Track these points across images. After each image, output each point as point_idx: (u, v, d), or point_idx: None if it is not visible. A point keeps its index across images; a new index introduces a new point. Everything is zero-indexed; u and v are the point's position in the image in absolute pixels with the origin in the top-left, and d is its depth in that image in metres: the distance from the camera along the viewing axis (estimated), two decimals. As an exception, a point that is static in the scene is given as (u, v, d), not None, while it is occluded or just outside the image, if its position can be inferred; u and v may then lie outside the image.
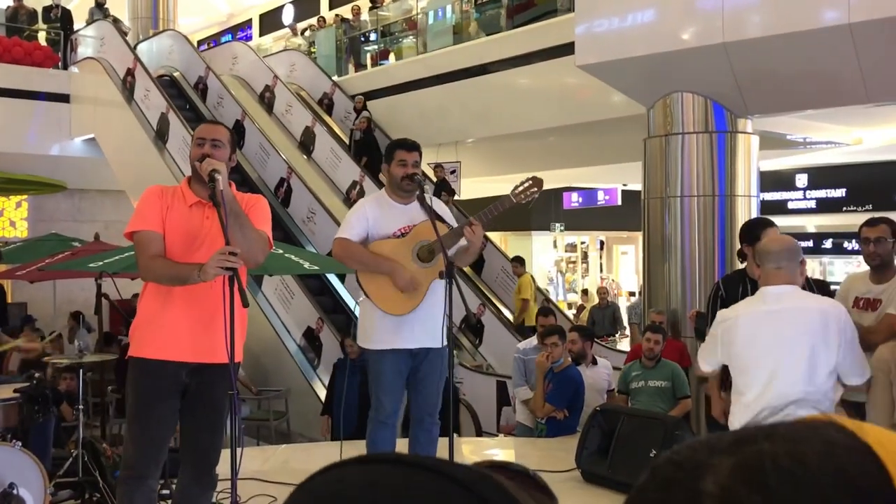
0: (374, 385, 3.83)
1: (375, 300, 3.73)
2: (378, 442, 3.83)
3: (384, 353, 3.77)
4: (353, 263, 3.82)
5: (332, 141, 11.90)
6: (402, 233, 3.79)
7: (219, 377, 3.01)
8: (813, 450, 0.41)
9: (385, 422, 3.82)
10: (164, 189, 3.15)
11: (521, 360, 6.31)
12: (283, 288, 9.45)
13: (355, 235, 3.75)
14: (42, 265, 7.98)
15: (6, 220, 14.81)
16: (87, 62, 13.41)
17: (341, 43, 14.69)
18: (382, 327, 3.76)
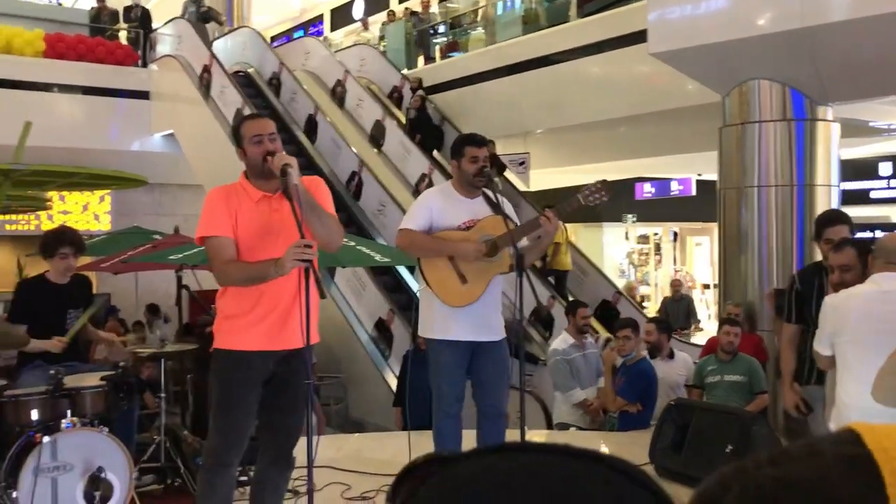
0: (434, 375, 3.86)
1: (436, 290, 3.75)
2: (444, 433, 3.85)
3: (443, 343, 3.79)
4: (417, 251, 3.84)
5: (401, 134, 11.99)
6: (467, 226, 3.81)
7: (301, 364, 3.10)
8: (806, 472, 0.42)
9: (448, 412, 3.83)
10: (228, 190, 3.16)
11: (565, 361, 6.09)
12: (354, 279, 9.58)
13: (418, 226, 3.78)
14: (125, 257, 8.24)
15: (91, 214, 15.39)
16: (165, 60, 13.81)
17: (410, 36, 14.76)
18: (442, 317, 3.78)
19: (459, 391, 3.87)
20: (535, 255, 3.96)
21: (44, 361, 4.29)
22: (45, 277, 4.49)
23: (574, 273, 10.93)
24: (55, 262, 4.44)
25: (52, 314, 4.42)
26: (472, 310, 3.76)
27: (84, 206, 15.33)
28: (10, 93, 11.92)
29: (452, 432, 3.87)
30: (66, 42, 13.22)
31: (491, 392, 3.87)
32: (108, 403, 3.97)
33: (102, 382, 3.98)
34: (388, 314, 9.09)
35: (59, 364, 4.15)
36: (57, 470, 3.56)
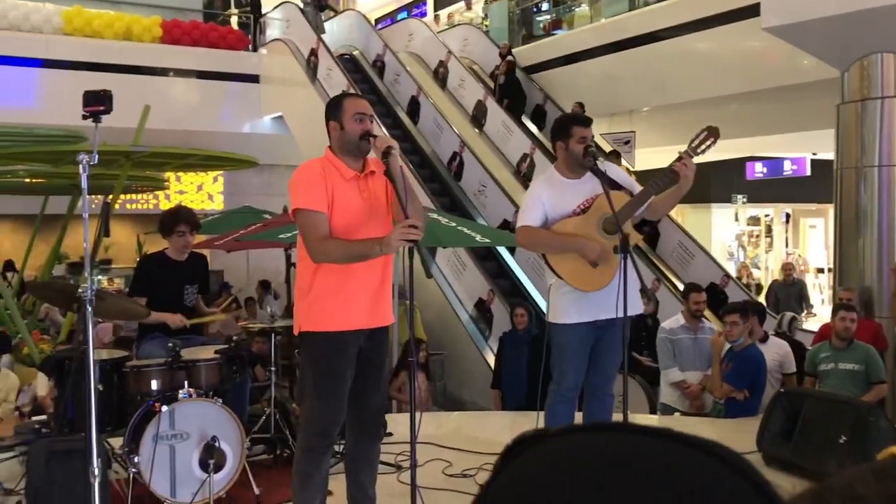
0: (559, 358, 3.82)
1: (569, 281, 3.69)
2: (557, 415, 3.82)
3: (572, 327, 3.74)
4: (540, 248, 3.81)
5: (503, 114, 11.94)
6: (583, 208, 3.74)
7: (385, 337, 3.17)
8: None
9: (566, 395, 3.81)
10: (323, 164, 3.13)
11: (669, 340, 6.01)
12: (455, 259, 9.65)
13: (535, 220, 3.72)
14: (237, 236, 8.53)
15: (205, 194, 16.04)
16: (274, 44, 14.19)
17: (513, 15, 14.65)
18: (570, 302, 3.73)
19: (581, 375, 3.80)
20: (669, 204, 3.83)
21: (162, 334, 4.52)
22: (165, 254, 4.72)
23: (679, 254, 10.67)
24: (173, 239, 4.66)
25: (170, 289, 4.64)
26: (605, 293, 3.66)
27: (199, 186, 15.97)
28: (130, 77, 12.50)
29: (566, 416, 3.84)
30: (182, 28, 13.75)
31: (605, 371, 3.83)
32: (221, 376, 4.15)
33: (217, 355, 4.16)
34: (488, 294, 9.12)
35: (177, 337, 4.36)
36: (174, 438, 3.75)
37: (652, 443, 0.47)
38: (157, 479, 3.67)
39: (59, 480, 3.67)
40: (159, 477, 3.68)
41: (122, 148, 8.23)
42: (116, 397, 3.96)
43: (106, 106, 3.04)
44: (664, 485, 0.45)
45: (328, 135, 3.21)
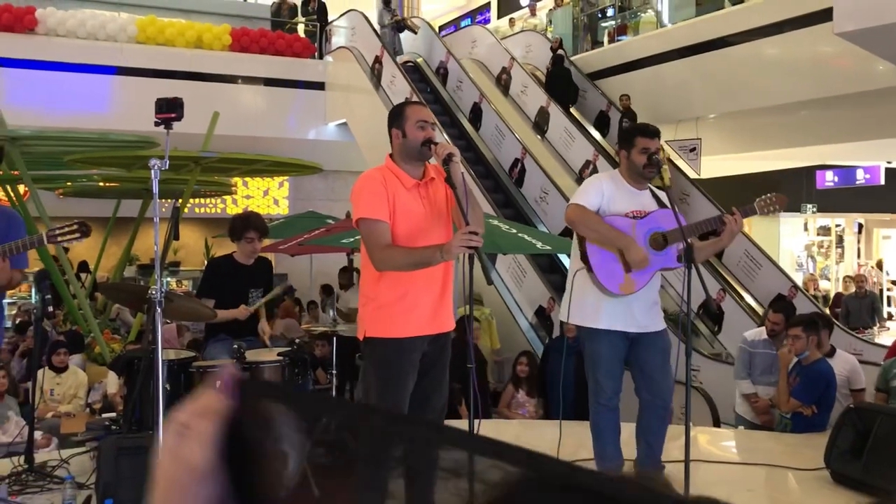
0: (591, 367, 3.79)
1: (597, 272, 3.68)
2: (602, 426, 3.79)
3: (602, 334, 3.72)
4: (587, 230, 3.76)
5: (565, 120, 11.88)
6: (635, 215, 3.73)
7: (447, 342, 3.19)
8: None
9: (607, 405, 3.77)
10: (383, 173, 3.17)
11: (748, 351, 5.92)
12: (515, 266, 9.62)
13: (591, 204, 3.72)
14: (301, 240, 8.68)
15: (271, 199, 16.34)
16: (339, 51, 14.38)
17: (578, 21, 14.57)
18: (597, 304, 3.71)
19: (617, 384, 3.79)
20: (709, 252, 3.84)
21: (228, 336, 4.63)
22: (233, 257, 4.84)
23: (746, 264, 10.45)
24: (242, 244, 4.78)
25: (236, 292, 4.75)
26: (634, 299, 3.68)
27: (265, 192, 16.28)
28: (200, 85, 12.80)
29: (611, 425, 3.81)
30: (250, 36, 14.04)
31: (655, 384, 3.78)
32: (284, 378, 4.22)
33: (279, 358, 4.23)
34: (548, 302, 9.07)
35: (241, 339, 4.46)
36: (238, 437, 3.83)
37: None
38: (221, 478, 3.75)
39: (127, 476, 3.77)
40: (223, 476, 3.76)
41: (192, 153, 8.44)
42: (183, 397, 4.07)
43: (177, 113, 3.13)
44: None
45: (391, 142, 3.25)
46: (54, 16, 12.85)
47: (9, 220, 3.69)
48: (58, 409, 6.45)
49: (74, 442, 5.43)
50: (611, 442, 3.82)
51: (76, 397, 6.64)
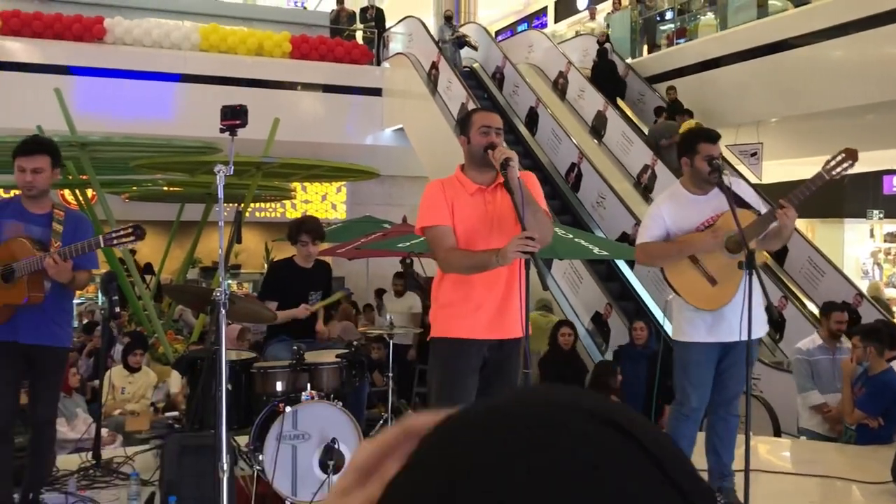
0: (681, 377, 3.74)
1: (686, 296, 3.63)
2: (680, 436, 3.73)
3: (694, 346, 3.66)
4: (658, 261, 3.76)
5: (623, 125, 11.78)
6: (708, 225, 3.67)
7: (515, 350, 3.19)
8: None
9: (689, 415, 3.72)
10: (444, 182, 3.28)
11: (806, 361, 5.77)
12: (571, 272, 9.57)
13: (654, 237, 3.69)
14: (358, 244, 8.79)
15: (328, 204, 16.56)
16: (397, 57, 14.51)
17: (636, 24, 14.44)
18: (690, 319, 3.67)
19: (704, 395, 3.71)
20: (773, 245, 3.76)
21: (288, 337, 4.71)
22: (293, 260, 4.94)
23: (809, 271, 10.21)
24: (298, 247, 4.87)
25: (296, 294, 4.84)
26: (726, 311, 3.60)
27: (323, 196, 16.51)
28: (261, 91, 13.05)
29: (690, 436, 3.75)
30: (310, 43, 14.27)
31: (729, 391, 3.72)
32: (342, 379, 4.27)
33: (338, 359, 4.29)
34: (605, 308, 9.00)
35: (301, 340, 4.53)
36: (297, 438, 3.89)
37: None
38: (280, 478, 3.82)
39: (190, 474, 3.87)
40: (282, 476, 3.82)
41: (254, 159, 8.61)
42: (244, 397, 4.15)
43: (241, 120, 3.21)
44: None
45: (462, 149, 3.30)
46: (121, 25, 13.25)
47: (76, 223, 3.79)
48: (125, 408, 6.64)
49: (139, 440, 5.60)
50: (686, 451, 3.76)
51: (144, 397, 6.83)
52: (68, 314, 3.93)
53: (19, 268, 3.55)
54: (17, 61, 12.29)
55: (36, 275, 3.56)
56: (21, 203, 3.72)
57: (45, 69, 12.14)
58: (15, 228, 3.65)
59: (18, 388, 3.81)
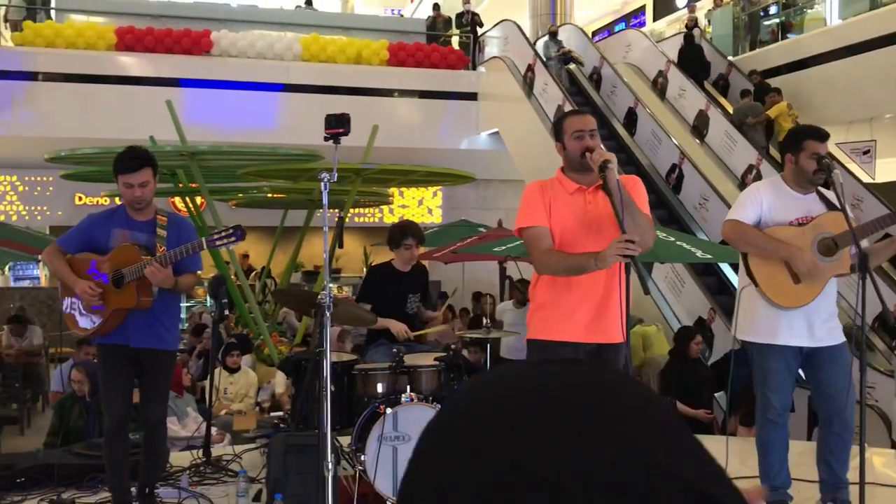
0: (760, 381, 3.62)
1: (766, 290, 3.52)
2: (769, 442, 3.62)
3: (771, 348, 3.55)
4: (745, 246, 3.63)
5: (726, 124, 11.45)
6: (801, 222, 3.54)
7: (614, 356, 3.14)
8: None
9: (775, 420, 3.60)
10: (543, 184, 3.27)
11: None
12: (673, 276, 9.36)
13: (748, 218, 3.58)
14: (454, 248, 8.85)
15: (425, 208, 16.73)
16: (492, 61, 14.54)
17: (739, 20, 14.01)
18: (768, 319, 3.54)
19: (786, 399, 3.62)
20: (884, 256, 3.58)
21: (387, 340, 4.79)
22: (392, 264, 5.01)
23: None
24: (400, 251, 4.93)
25: (395, 298, 4.91)
26: (806, 311, 3.49)
27: (419, 201, 16.69)
28: (359, 99, 13.32)
29: (778, 441, 3.64)
30: (407, 50, 14.46)
31: (833, 401, 3.57)
32: (440, 382, 4.31)
33: (436, 362, 4.33)
34: (708, 313, 8.76)
35: (400, 343, 4.60)
36: (397, 439, 3.95)
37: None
38: (381, 479, 3.88)
39: (295, 472, 3.98)
40: (383, 476, 3.89)
41: (354, 165, 8.78)
42: (345, 398, 4.24)
43: (345, 128, 3.29)
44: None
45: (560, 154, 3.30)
46: (227, 38, 13.77)
47: (179, 227, 3.89)
48: (230, 407, 6.88)
49: (245, 438, 5.79)
50: (777, 460, 3.65)
51: (247, 396, 7.07)
52: (176, 318, 4.02)
53: (128, 273, 3.68)
54: (130, 75, 12.94)
55: (144, 280, 3.67)
56: (126, 211, 3.83)
57: (156, 82, 12.74)
58: (122, 236, 3.79)
59: (131, 389, 3.96)
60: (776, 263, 3.51)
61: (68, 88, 12.56)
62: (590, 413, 0.44)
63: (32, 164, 13.38)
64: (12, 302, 11.83)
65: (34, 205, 15.04)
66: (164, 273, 3.61)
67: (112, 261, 3.76)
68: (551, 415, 0.44)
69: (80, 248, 3.85)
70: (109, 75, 12.87)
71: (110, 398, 3.87)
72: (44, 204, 15.02)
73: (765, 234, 3.54)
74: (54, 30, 13.25)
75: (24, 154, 12.83)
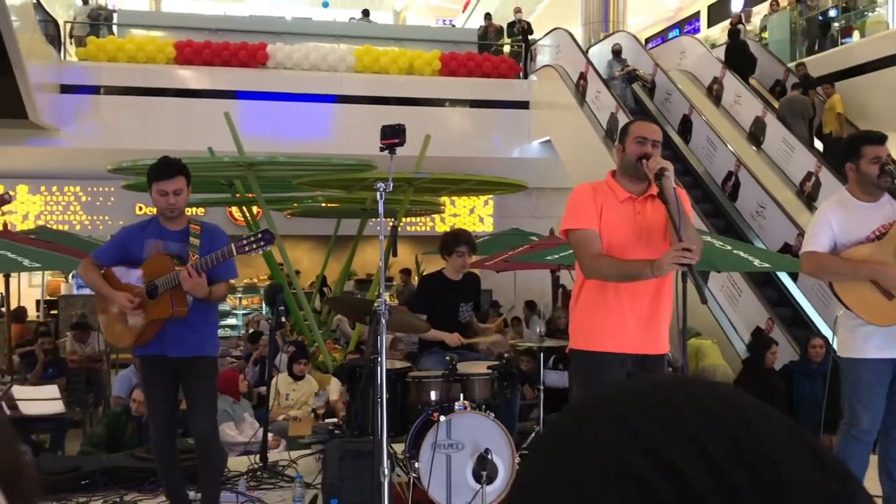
0: (849, 396, 3.51)
1: (858, 312, 3.42)
2: (850, 457, 3.50)
3: (864, 363, 3.44)
4: (828, 276, 3.56)
5: (784, 130, 11.24)
6: (878, 234, 3.44)
7: (660, 367, 3.11)
8: None
9: (859, 437, 3.48)
10: (595, 186, 3.21)
11: None
12: (729, 285, 9.20)
13: (821, 246, 3.49)
14: (506, 257, 8.84)
15: (476, 217, 16.76)
16: (544, 70, 14.51)
17: (797, 25, 13.75)
18: (863, 336, 3.45)
19: (876, 416, 3.47)
20: None
21: (440, 348, 4.81)
22: (443, 273, 5.03)
23: None
24: (453, 259, 4.95)
25: (447, 306, 4.93)
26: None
27: (470, 210, 16.72)
28: (411, 109, 13.41)
29: (860, 458, 3.52)
30: (458, 60, 14.53)
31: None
32: (493, 390, 4.32)
33: (489, 371, 4.34)
34: (766, 323, 8.59)
35: (453, 351, 4.62)
36: (451, 447, 3.96)
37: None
38: (435, 486, 3.90)
39: (350, 478, 4.03)
40: (436, 484, 3.90)
41: (406, 175, 8.84)
42: (399, 405, 4.27)
43: (400, 139, 3.32)
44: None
45: (616, 158, 3.27)
46: (282, 50, 14.01)
47: (212, 237, 3.87)
48: (289, 413, 6.98)
49: (301, 444, 5.87)
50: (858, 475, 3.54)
51: (306, 403, 7.16)
52: (213, 325, 3.99)
53: (161, 283, 3.68)
54: (189, 88, 13.25)
55: (178, 289, 3.66)
56: (159, 222, 3.84)
57: (214, 94, 13.02)
58: (155, 246, 3.80)
59: (174, 398, 3.94)
60: (864, 284, 3.41)
61: (129, 101, 12.92)
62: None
63: (95, 174, 13.78)
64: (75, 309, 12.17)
65: (96, 214, 15.47)
66: (197, 280, 3.59)
67: (144, 272, 3.77)
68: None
69: (114, 260, 3.87)
70: (168, 88, 13.22)
71: (154, 409, 3.89)
72: (105, 213, 15.45)
73: (843, 260, 3.45)
74: (116, 45, 13.66)
75: (88, 165, 13.22)
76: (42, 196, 15.22)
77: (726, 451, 0.42)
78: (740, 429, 0.44)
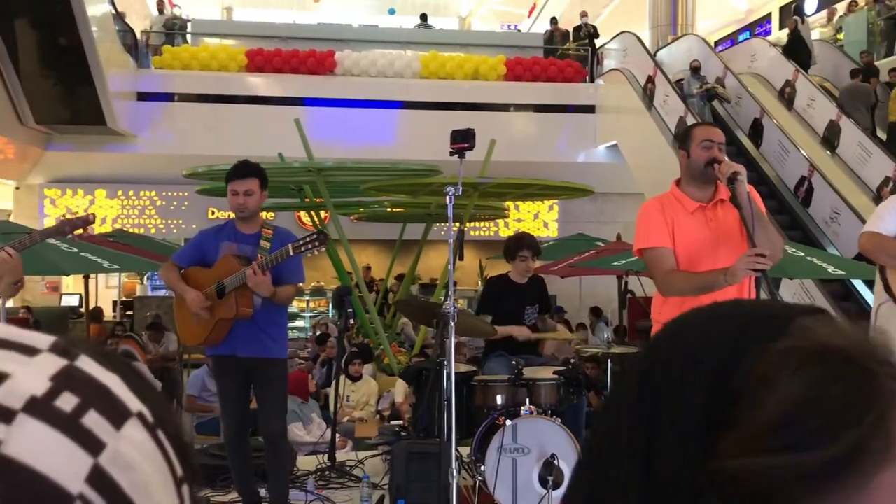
0: None
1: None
2: None
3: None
4: (885, 258, 3.47)
5: (860, 134, 10.90)
6: None
7: None
8: None
9: None
10: (662, 201, 3.17)
11: None
12: (802, 292, 8.97)
13: (887, 230, 3.43)
14: (571, 262, 8.79)
15: (540, 222, 16.67)
16: (611, 74, 14.39)
17: (875, 26, 13.34)
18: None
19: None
20: None
21: (505, 352, 4.82)
22: (508, 277, 5.05)
23: None
24: (516, 263, 4.96)
25: (512, 309, 4.93)
26: None
27: (535, 215, 16.65)
28: (476, 114, 13.44)
29: None
30: (523, 65, 14.51)
31: None
32: (559, 396, 4.31)
33: (556, 376, 4.33)
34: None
35: (519, 355, 4.62)
36: (516, 452, 3.97)
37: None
38: (501, 490, 3.91)
39: (416, 479, 4.07)
40: (502, 488, 3.92)
41: (472, 179, 8.87)
42: (465, 409, 4.30)
43: (470, 143, 3.36)
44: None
45: (680, 164, 3.23)
46: (350, 57, 14.22)
47: (282, 241, 3.92)
48: (352, 414, 7.08)
49: (367, 445, 5.94)
50: None
51: (368, 404, 7.25)
52: (282, 327, 4.06)
53: (229, 283, 3.80)
54: (260, 95, 13.55)
55: (244, 289, 3.76)
56: (234, 225, 3.99)
57: (284, 101, 13.29)
58: (228, 248, 3.93)
59: (246, 396, 4.05)
60: None
61: (202, 108, 13.29)
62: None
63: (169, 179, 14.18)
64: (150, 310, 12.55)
65: (170, 218, 15.92)
66: (261, 278, 3.67)
67: (214, 272, 3.89)
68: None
69: (192, 262, 4.01)
70: (240, 95, 13.54)
71: (226, 406, 4.02)
72: (179, 217, 15.89)
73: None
74: (190, 53, 14.05)
75: (162, 170, 13.62)
76: (119, 200, 15.73)
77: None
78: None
